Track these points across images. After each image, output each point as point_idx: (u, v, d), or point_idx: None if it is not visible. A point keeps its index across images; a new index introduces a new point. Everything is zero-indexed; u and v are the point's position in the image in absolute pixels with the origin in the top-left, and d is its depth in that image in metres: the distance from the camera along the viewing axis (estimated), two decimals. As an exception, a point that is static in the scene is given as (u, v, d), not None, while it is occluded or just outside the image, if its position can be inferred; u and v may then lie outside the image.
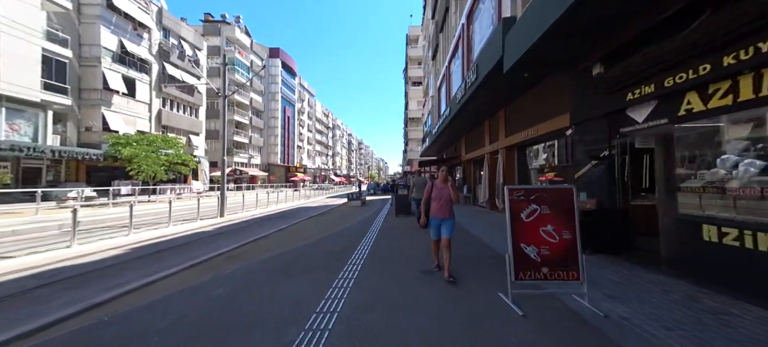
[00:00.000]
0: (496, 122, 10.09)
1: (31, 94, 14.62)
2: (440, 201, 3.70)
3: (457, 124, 11.74)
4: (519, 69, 5.05)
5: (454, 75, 12.84)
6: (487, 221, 8.36)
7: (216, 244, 6.59)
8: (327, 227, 8.36)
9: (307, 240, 6.31)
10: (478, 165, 14.33)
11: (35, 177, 15.79)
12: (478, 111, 9.65)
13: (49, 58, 15.48)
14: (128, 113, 20.26)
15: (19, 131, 14.60)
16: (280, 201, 18.62)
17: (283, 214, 13.11)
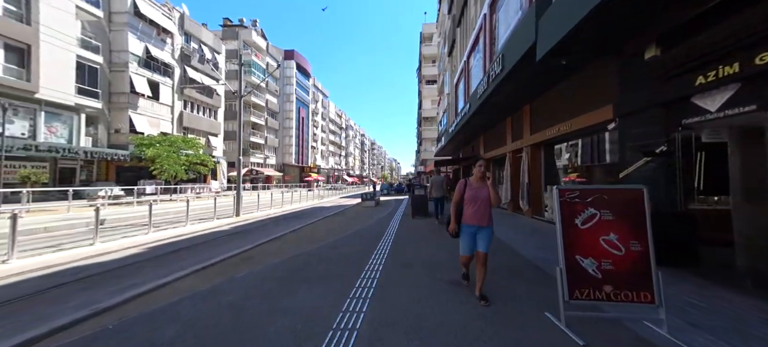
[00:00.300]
0: (519, 119, 9.43)
1: (66, 98, 15.49)
2: (476, 204, 2.89)
3: (476, 121, 11.15)
4: (556, 55, 4.50)
5: (473, 70, 12.25)
6: (514, 225, 7.76)
7: (230, 245, 6.48)
8: (342, 229, 8.10)
9: (321, 242, 6.05)
10: (499, 165, 13.62)
11: (70, 177, 16.74)
12: (501, 107, 9.04)
13: (83, 64, 16.38)
14: (152, 115, 21.13)
15: (56, 133, 15.51)
16: (295, 201, 18.69)
17: (297, 214, 13.04)
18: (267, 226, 9.45)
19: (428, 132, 37.54)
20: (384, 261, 4.47)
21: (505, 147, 10.88)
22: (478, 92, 8.55)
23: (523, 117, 9.00)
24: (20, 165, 14.43)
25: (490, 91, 7.39)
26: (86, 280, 4.10)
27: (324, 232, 7.63)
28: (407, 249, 5.27)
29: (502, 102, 8.42)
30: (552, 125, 7.21)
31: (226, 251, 5.69)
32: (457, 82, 15.64)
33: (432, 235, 6.67)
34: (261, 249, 5.76)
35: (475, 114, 9.87)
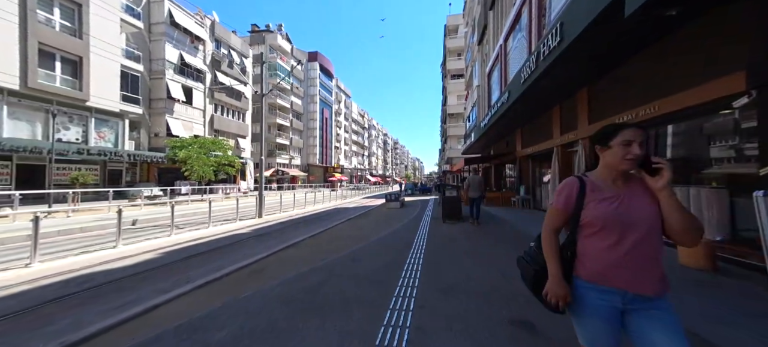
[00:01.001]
0: (573, 106, 7.93)
1: (112, 105, 16.67)
2: (628, 236, 1.15)
3: (515, 112, 9.73)
4: (663, 3, 3.23)
5: (512, 53, 10.79)
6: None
7: (245, 251, 5.99)
8: (365, 234, 7.32)
9: (341, 252, 5.30)
10: (539, 162, 11.99)
11: (118, 178, 18.07)
12: (549, 92, 7.63)
13: (126, 72, 17.57)
14: (186, 118, 22.26)
15: (104, 138, 16.77)
16: (317, 202, 18.44)
17: (319, 216, 12.58)
18: (286, 229, 9.00)
19: (454, 129, 35.73)
20: (417, 282, 3.55)
21: (551, 141, 9.36)
22: (521, 75, 7.25)
23: (579, 103, 7.50)
24: (76, 168, 15.76)
25: (541, 72, 6.11)
26: (85, 294, 3.73)
27: (345, 238, 6.91)
28: (444, 265, 4.30)
29: (552, 86, 7.04)
30: (624, 111, 5.75)
31: (239, 259, 5.17)
32: (490, 70, 14.14)
33: (470, 244, 5.61)
34: (276, 258, 5.15)
35: (516, 103, 8.51)
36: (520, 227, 7.52)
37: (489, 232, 7.01)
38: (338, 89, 59.63)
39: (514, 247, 5.34)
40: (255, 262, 4.90)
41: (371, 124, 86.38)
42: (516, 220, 8.69)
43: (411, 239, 6.30)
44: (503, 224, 8.21)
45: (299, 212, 13.63)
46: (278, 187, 32.11)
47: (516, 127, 12.78)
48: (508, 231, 7.04)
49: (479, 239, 6.17)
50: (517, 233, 6.81)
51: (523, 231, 6.92)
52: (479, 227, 7.75)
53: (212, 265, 4.95)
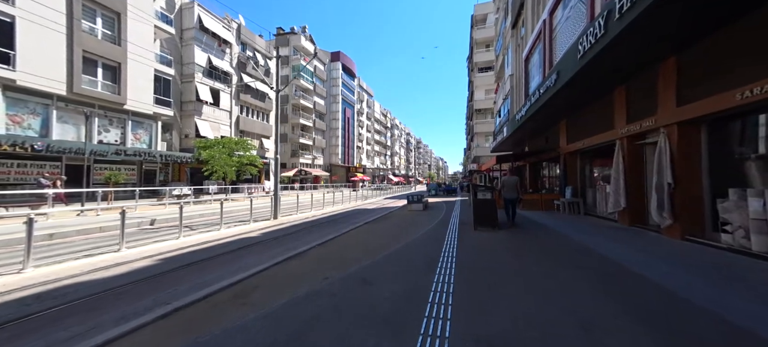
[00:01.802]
0: (648, 84, 6.19)
1: (147, 108, 17.56)
2: None
3: (563, 98, 8.07)
4: None
5: (562, 26, 9.07)
6: (658, 253, 4.76)
7: (244, 261, 5.30)
8: (381, 244, 6.31)
9: (351, 267, 4.35)
10: (590, 158, 10.07)
11: (152, 178, 19.09)
12: (620, 65, 5.98)
13: (159, 76, 18.46)
14: (214, 120, 23.05)
15: (140, 139, 17.74)
16: (337, 202, 17.85)
17: (335, 218, 11.84)
18: (297, 234, 8.30)
19: (481, 126, 33.39)
20: (448, 327, 2.44)
21: (612, 133, 7.58)
22: (579, 47, 5.71)
23: (662, 78, 5.77)
24: (115, 168, 16.80)
25: (614, 36, 4.60)
26: (46, 317, 3.16)
27: (359, 247, 5.95)
28: (484, 296, 3.13)
29: (627, 55, 5.43)
30: (743, 85, 4.07)
31: (233, 272, 4.44)
32: (528, 55, 12.34)
33: (517, 262, 4.33)
34: (272, 274, 4.33)
35: (568, 86, 6.93)
36: (576, 237, 5.99)
37: (538, 245, 5.61)
38: (360, 88, 59.48)
39: (581, 269, 3.97)
40: (248, 278, 4.11)
41: (394, 123, 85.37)
42: (568, 228, 7.09)
43: (437, 252, 5.15)
44: (554, 234, 6.70)
45: (316, 214, 13.04)
46: (301, 187, 32.44)
47: (560, 118, 10.92)
48: (565, 244, 5.57)
49: (528, 255, 4.83)
50: (578, 247, 5.32)
51: (584, 245, 5.41)
52: (521, 235, 6.34)
53: (202, 279, 4.26)
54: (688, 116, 5.09)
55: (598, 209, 9.01)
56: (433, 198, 22.59)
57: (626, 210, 6.98)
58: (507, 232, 6.97)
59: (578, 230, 7.05)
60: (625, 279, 3.59)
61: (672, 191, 5.37)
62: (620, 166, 7.11)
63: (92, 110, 13.85)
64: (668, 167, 5.39)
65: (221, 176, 18.02)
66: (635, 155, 6.92)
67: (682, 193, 5.25)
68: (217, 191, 19.46)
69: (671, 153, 5.42)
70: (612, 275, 3.78)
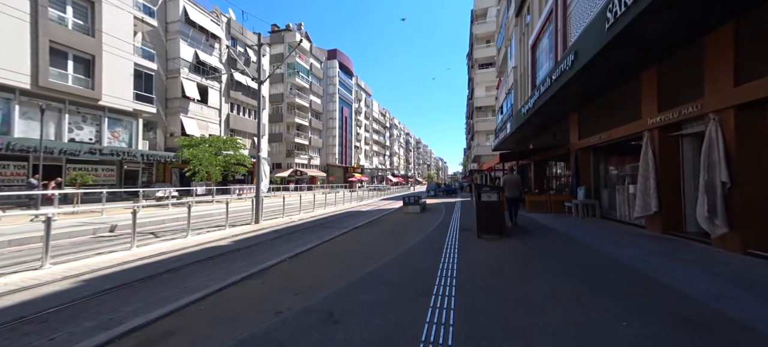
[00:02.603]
0: (689, 65, 5.13)
1: (126, 104, 16.45)
2: None
3: (579, 84, 7.01)
4: None
5: (577, 1, 7.94)
6: (723, 276, 3.68)
7: (189, 282, 4.21)
8: (366, 256, 5.23)
9: (319, 292, 3.28)
10: (605, 155, 9.01)
11: (134, 179, 17.98)
12: (653, 38, 4.90)
13: (139, 71, 17.34)
14: (202, 118, 21.96)
15: (118, 138, 16.62)
16: (329, 204, 16.78)
17: (322, 222, 10.75)
18: (274, 242, 7.21)
19: (482, 124, 32.36)
20: None
21: (638, 123, 6.52)
22: (609, 14, 4.63)
23: (709, 55, 4.70)
24: (93, 168, 15.68)
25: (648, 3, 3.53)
26: None
27: (336, 263, 4.87)
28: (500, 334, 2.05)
29: (666, 22, 4.35)
30: None
31: (163, 301, 3.36)
32: (536, 41, 11.26)
33: (539, 288, 3.24)
34: (213, 303, 3.25)
35: (587, 68, 5.87)
36: (604, 249, 4.90)
37: (560, 260, 4.52)
38: (358, 87, 58.46)
39: (634, 302, 2.88)
40: (192, 303, 3.04)
41: (393, 123, 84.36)
42: (589, 236, 6.00)
43: (432, 269, 4.07)
44: (574, 243, 5.61)
45: (304, 217, 11.95)
46: (296, 188, 31.33)
47: (571, 110, 9.86)
48: (594, 260, 4.49)
49: (550, 277, 3.73)
50: (613, 264, 4.24)
51: (619, 261, 4.33)
52: (535, 245, 5.26)
53: (116, 313, 3.17)
54: (751, 97, 4.01)
55: (618, 212, 7.93)
56: (433, 199, 21.52)
57: (658, 215, 5.91)
58: (517, 240, 5.89)
59: (602, 238, 5.96)
60: (720, 330, 2.48)
61: (727, 193, 4.29)
62: (650, 162, 6.04)
63: (49, 104, 12.69)
64: (722, 163, 4.31)
65: (204, 176, 16.88)
66: (669, 149, 5.85)
67: (743, 195, 4.17)
68: (205, 193, 18.39)
69: (725, 145, 4.34)
70: (692, 323, 2.57)
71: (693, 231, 5.59)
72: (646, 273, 3.72)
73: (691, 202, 5.65)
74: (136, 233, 6.13)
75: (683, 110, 5.20)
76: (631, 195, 7.23)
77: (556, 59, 8.46)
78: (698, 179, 5.55)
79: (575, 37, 6.93)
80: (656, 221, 6.02)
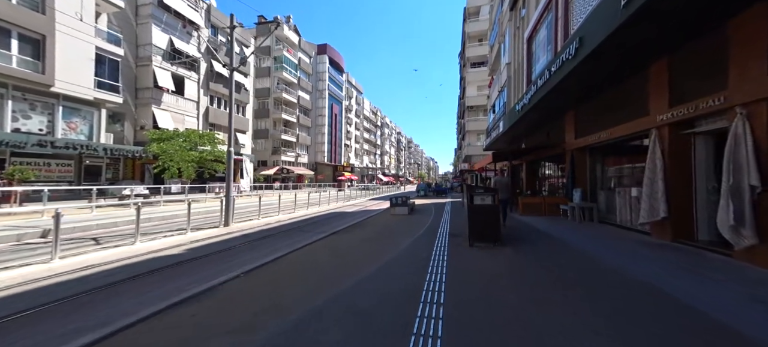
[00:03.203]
0: (709, 54, 4.55)
1: (85, 92, 14.87)
2: None
3: (579, 79, 6.41)
4: None
5: None
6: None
7: (100, 311, 3.24)
8: (338, 270, 4.40)
9: (264, 332, 2.42)
10: (602, 155, 8.51)
11: (97, 175, 16.38)
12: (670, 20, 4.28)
13: (102, 56, 15.74)
14: (177, 110, 20.43)
15: (76, 129, 15.02)
16: (313, 204, 15.78)
17: (302, 225, 9.81)
18: (236, 250, 6.25)
19: (473, 123, 32.03)
20: None
21: (643, 121, 5.95)
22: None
23: (735, 40, 4.10)
24: (45, 162, 14.07)
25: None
26: None
27: (299, 282, 4.01)
28: None
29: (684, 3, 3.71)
30: None
31: (75, 335, 2.41)
32: (532, 33, 10.66)
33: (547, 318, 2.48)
34: (134, 335, 2.34)
35: (593, 57, 5.22)
36: (613, 262, 4.25)
37: (564, 275, 3.81)
38: (349, 84, 57.28)
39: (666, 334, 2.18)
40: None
41: (384, 121, 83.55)
42: (592, 245, 5.36)
43: (414, 292, 3.27)
44: (576, 254, 4.95)
45: (282, 219, 10.95)
46: (282, 186, 30.03)
47: (568, 107, 9.31)
48: (603, 275, 3.81)
49: (560, 306, 2.99)
50: (628, 282, 3.56)
51: (633, 276, 3.66)
52: (533, 256, 4.55)
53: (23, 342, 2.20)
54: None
55: (617, 217, 7.39)
56: (422, 199, 20.86)
57: (667, 221, 5.33)
58: (513, 250, 5.18)
59: (607, 247, 5.33)
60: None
61: (757, 198, 3.69)
62: (658, 163, 5.46)
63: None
64: (752, 164, 3.71)
65: (175, 173, 15.49)
66: (680, 148, 5.27)
67: (778, 200, 3.58)
68: (180, 192, 17.01)
69: (755, 143, 3.74)
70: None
71: (705, 240, 5.04)
72: (674, 297, 3.04)
73: (703, 207, 5.10)
74: (74, 240, 5.08)
75: (700, 105, 4.61)
76: (633, 198, 6.69)
77: (556, 50, 7.85)
78: (712, 182, 5.00)
79: (578, 24, 6.28)
80: (664, 228, 5.45)
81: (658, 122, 5.52)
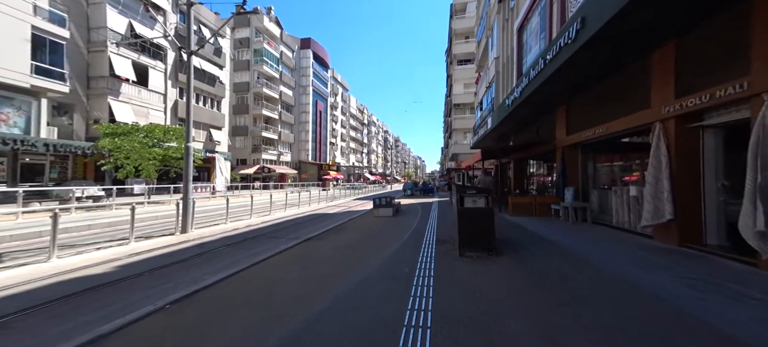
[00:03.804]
0: (727, 34, 4.03)
1: (18, 78, 12.88)
2: None
3: (577, 68, 5.86)
4: None
5: None
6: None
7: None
8: (304, 289, 3.54)
9: None
10: (594, 153, 8.11)
11: (38, 174, 14.37)
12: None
13: (42, 37, 13.74)
14: (140, 103, 18.48)
15: (6, 121, 13.00)
16: (292, 205, 14.67)
17: (273, 230, 8.77)
18: (182, 266, 5.16)
19: (460, 121, 31.78)
20: None
21: (645, 114, 5.46)
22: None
23: (755, 20, 3.58)
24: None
25: None
26: None
27: (245, 313, 3.11)
28: None
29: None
30: None
31: None
32: (524, 21, 10.11)
33: None
34: None
35: (594, 42, 4.62)
36: (621, 272, 3.63)
37: (575, 296, 3.12)
38: (334, 80, 55.76)
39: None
40: None
41: (371, 120, 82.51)
42: (594, 251, 4.77)
43: (391, 327, 2.43)
44: (581, 264, 4.32)
45: (253, 223, 9.83)
46: (263, 186, 28.40)
47: (560, 102, 8.85)
48: (620, 292, 3.15)
49: (573, 335, 2.26)
50: (644, 297, 2.91)
51: (656, 294, 3.03)
52: (533, 267, 3.87)
53: None
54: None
55: (614, 218, 6.94)
56: (409, 199, 20.19)
57: (673, 224, 4.83)
58: (509, 260, 4.49)
59: (610, 254, 4.76)
60: None
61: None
62: (663, 160, 4.96)
63: None
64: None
65: (131, 172, 13.81)
66: (688, 143, 4.79)
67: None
68: (142, 193, 15.28)
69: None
70: None
71: (714, 244, 4.58)
72: (707, 322, 2.41)
73: (712, 208, 4.63)
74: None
75: (717, 93, 4.10)
76: (631, 198, 6.23)
77: (550, 38, 7.30)
78: (722, 180, 4.52)
79: (576, 7, 5.69)
80: (670, 231, 4.96)
81: (663, 115, 5.02)
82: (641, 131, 5.80)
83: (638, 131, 5.95)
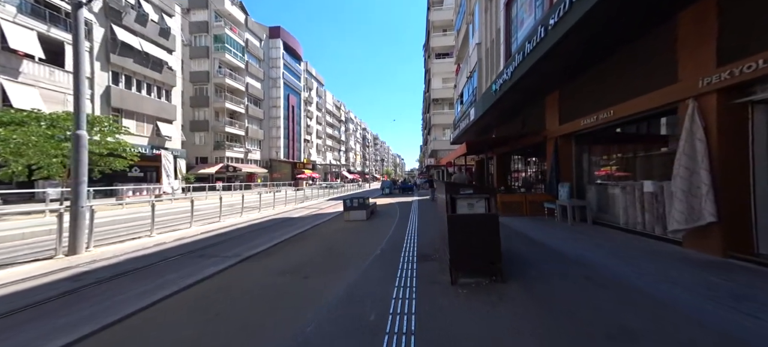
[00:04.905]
0: None
1: None
2: None
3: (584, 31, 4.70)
4: None
5: None
6: None
7: None
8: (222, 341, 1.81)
9: None
10: (589, 143, 7.19)
11: None
12: None
13: None
14: (53, 87, 14.98)
15: None
16: (251, 208, 12.55)
17: (210, 243, 6.76)
18: (26, 318, 3.16)
19: (439, 117, 31.02)
20: None
21: (671, 90, 4.41)
22: None
23: None
24: None
25: None
26: None
27: None
28: None
29: None
30: None
31: None
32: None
33: None
34: None
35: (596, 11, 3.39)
36: (688, 307, 2.41)
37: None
38: (309, 74, 52.76)
39: None
40: None
41: (349, 117, 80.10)
42: (625, 270, 3.56)
43: None
44: (619, 290, 3.07)
45: (191, 234, 7.69)
46: (225, 187, 25.33)
47: (553, 86, 7.84)
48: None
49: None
50: None
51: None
52: (557, 309, 2.53)
53: None
54: None
55: (622, 218, 5.95)
56: (387, 198, 18.75)
57: (716, 227, 3.79)
58: (523, 291, 3.11)
59: (648, 272, 3.59)
60: None
61: None
62: (699, 146, 3.91)
63: None
64: None
65: (23, 172, 10.78)
66: (734, 124, 3.76)
67: None
68: (58, 197, 12.17)
69: None
70: None
71: (765, 254, 3.59)
72: None
73: (765, 207, 3.64)
74: None
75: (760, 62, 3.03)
76: (646, 195, 5.24)
77: (551, 2, 6.13)
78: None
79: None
80: (709, 237, 3.92)
81: (700, 89, 3.96)
82: (666, 112, 4.78)
83: (659, 113, 4.93)
